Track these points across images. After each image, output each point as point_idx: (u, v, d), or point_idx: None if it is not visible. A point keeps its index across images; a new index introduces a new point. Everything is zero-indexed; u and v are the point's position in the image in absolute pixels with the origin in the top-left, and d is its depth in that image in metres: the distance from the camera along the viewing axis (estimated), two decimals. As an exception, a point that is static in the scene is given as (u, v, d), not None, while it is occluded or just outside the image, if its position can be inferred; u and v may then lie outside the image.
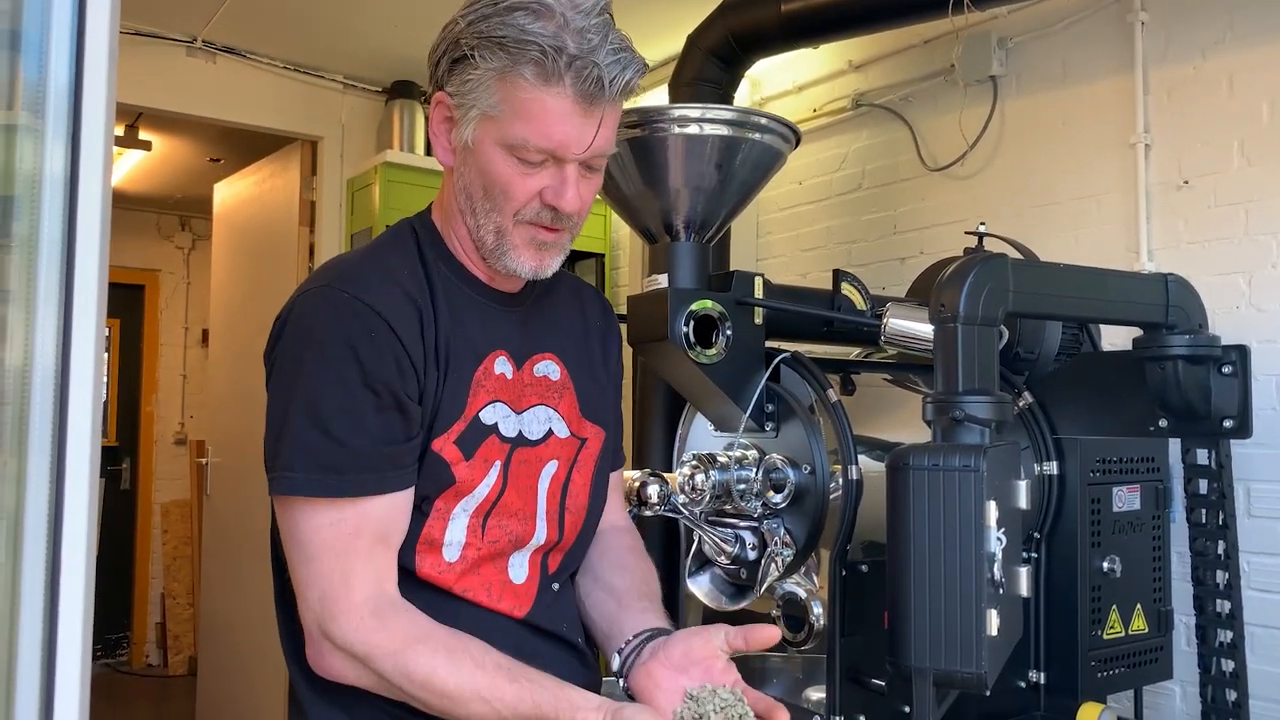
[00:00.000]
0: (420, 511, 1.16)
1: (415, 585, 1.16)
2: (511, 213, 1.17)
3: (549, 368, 1.30)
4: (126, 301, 6.31)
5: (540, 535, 1.25)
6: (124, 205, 5.98)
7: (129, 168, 5.16)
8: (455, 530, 1.18)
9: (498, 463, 1.21)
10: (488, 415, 1.21)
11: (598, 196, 1.99)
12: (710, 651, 1.15)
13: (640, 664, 1.19)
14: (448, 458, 1.16)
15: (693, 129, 1.73)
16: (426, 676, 1.08)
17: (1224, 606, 1.86)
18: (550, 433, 1.28)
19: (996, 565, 1.23)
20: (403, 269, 1.19)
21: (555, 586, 1.29)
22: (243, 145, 4.66)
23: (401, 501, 1.14)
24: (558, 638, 1.27)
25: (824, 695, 1.67)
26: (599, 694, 1.12)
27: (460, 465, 1.17)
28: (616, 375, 1.42)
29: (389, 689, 1.11)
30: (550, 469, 1.27)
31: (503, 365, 1.23)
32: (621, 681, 1.21)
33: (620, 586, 1.33)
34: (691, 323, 1.71)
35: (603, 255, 3.95)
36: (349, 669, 1.11)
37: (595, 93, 1.11)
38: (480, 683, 1.08)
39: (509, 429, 1.23)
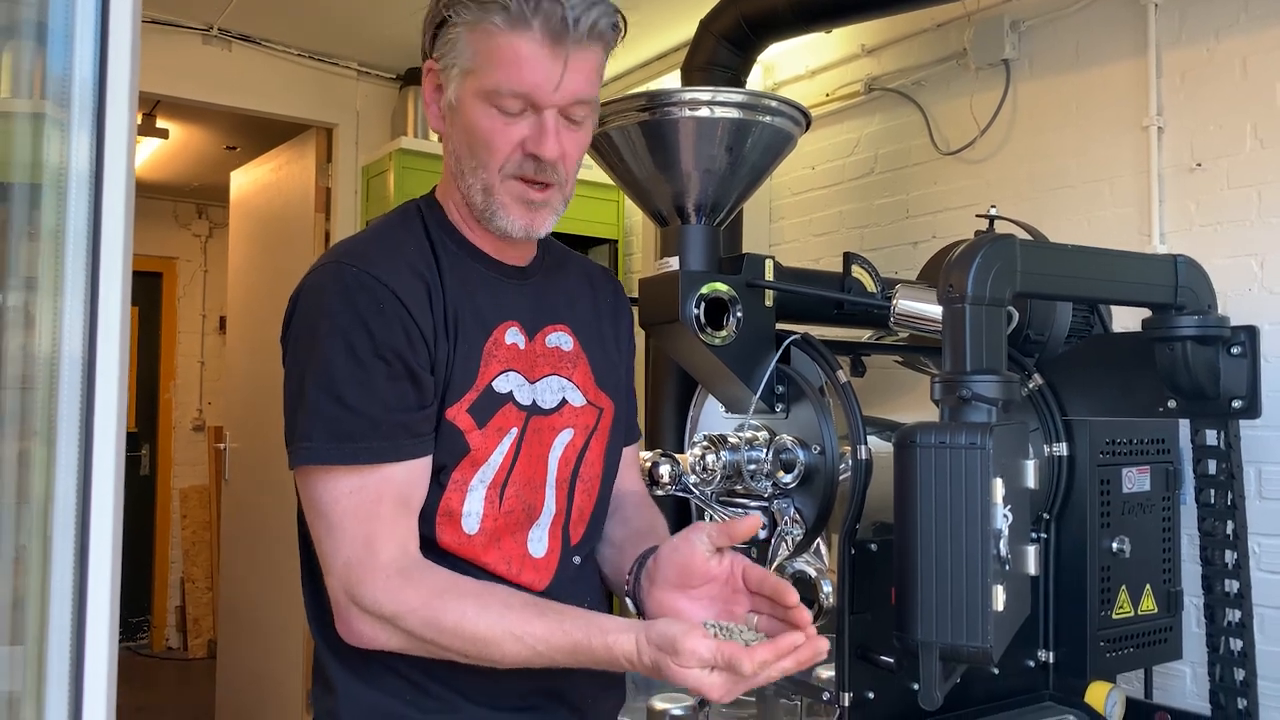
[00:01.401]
0: (438, 483, 1.18)
1: (437, 556, 1.18)
2: (496, 167, 1.19)
3: (561, 338, 1.32)
4: (145, 289, 6.35)
5: (550, 505, 1.27)
6: (142, 193, 5.98)
7: (147, 156, 5.20)
8: (473, 501, 1.20)
9: (513, 430, 1.23)
10: (501, 384, 1.23)
11: (609, 181, 2.02)
12: (699, 557, 1.18)
13: (646, 594, 1.22)
14: (461, 426, 1.19)
15: (703, 112, 1.75)
16: (457, 623, 1.09)
17: (1232, 586, 1.87)
18: (564, 402, 1.29)
19: (1002, 542, 1.25)
20: (409, 245, 1.22)
21: (577, 560, 1.31)
22: (258, 133, 4.69)
23: (420, 469, 1.16)
24: None
25: (834, 673, 1.70)
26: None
27: (474, 434, 1.19)
28: (628, 354, 1.44)
29: (421, 646, 1.12)
30: (565, 438, 1.29)
31: (514, 336, 1.25)
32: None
33: (621, 536, 1.36)
34: (702, 305, 1.73)
35: (616, 241, 3.97)
36: (379, 632, 1.12)
37: (561, 31, 1.13)
38: (511, 621, 1.09)
39: (524, 397, 1.25)
